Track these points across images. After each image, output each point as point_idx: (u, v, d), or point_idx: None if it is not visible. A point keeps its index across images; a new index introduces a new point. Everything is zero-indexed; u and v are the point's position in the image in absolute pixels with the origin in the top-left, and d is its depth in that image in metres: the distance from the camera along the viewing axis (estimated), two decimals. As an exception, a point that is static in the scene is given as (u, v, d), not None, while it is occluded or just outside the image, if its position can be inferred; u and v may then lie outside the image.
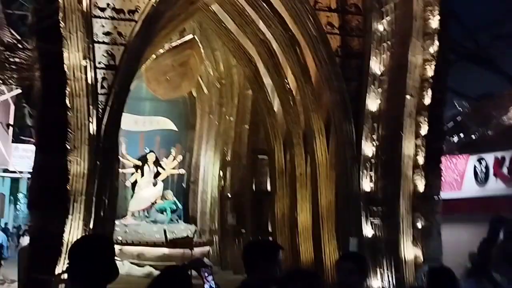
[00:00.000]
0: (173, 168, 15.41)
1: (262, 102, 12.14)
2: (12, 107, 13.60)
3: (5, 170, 15.35)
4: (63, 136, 7.10)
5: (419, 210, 8.36)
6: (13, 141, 14.08)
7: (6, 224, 18.39)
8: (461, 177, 13.11)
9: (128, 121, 14.78)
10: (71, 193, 7.18)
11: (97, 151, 7.58)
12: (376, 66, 8.98)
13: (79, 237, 5.86)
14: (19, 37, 9.86)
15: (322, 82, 9.63)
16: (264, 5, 9.84)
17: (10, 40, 8.41)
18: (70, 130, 7.14)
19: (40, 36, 6.98)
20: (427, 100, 8.35)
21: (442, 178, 8.63)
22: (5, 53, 7.22)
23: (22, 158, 13.65)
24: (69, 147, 7.17)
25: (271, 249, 3.16)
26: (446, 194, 9.75)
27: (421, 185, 8.37)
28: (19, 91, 9.78)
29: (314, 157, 10.01)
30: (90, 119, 7.51)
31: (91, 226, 7.36)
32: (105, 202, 7.71)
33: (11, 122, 13.34)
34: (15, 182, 18.10)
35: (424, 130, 8.34)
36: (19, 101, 13.70)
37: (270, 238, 11.09)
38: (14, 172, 14.72)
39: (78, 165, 7.28)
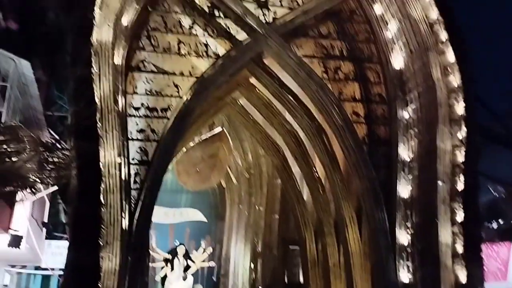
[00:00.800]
0: (203, 261, 15.15)
1: (291, 191, 12.14)
2: (47, 204, 13.94)
3: (37, 268, 15.35)
4: (96, 232, 7.16)
5: (463, 303, 7.88)
6: (46, 238, 14.24)
7: (35, 324, 18.03)
8: (505, 266, 12.42)
9: (158, 214, 14.86)
10: (103, 290, 7.11)
11: (129, 246, 7.59)
12: (405, 153, 8.98)
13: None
14: (57, 137, 10.35)
15: (350, 170, 9.64)
16: (290, 97, 10.18)
17: (49, 140, 8.85)
18: (103, 226, 7.21)
19: (78, 136, 7.30)
20: (460, 186, 8.20)
21: (484, 267, 8.21)
22: (45, 153, 7.55)
23: (55, 255, 13.70)
24: (101, 243, 7.21)
25: None
26: (490, 285, 9.21)
27: (462, 275, 7.95)
28: (55, 188, 10.08)
29: (347, 247, 9.74)
30: (123, 215, 7.61)
31: (121, 325, 7.18)
32: (135, 300, 7.58)
33: (46, 219, 13.62)
34: (46, 279, 17.97)
35: (460, 216, 8.10)
36: (54, 198, 14.04)
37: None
38: (46, 269, 14.71)
39: (110, 261, 7.27)
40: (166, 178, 12.88)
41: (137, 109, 8.56)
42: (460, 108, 8.42)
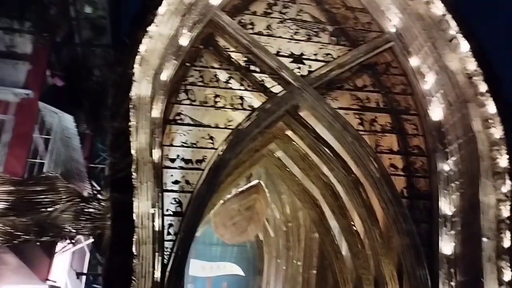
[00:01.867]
0: (240, 317, 14.79)
1: (329, 245, 11.77)
2: (88, 255, 14.12)
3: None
4: (127, 284, 7.12)
5: None
6: (85, 288, 14.38)
7: None
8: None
9: (196, 267, 14.78)
10: None
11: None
12: (446, 207, 8.62)
13: None
14: (98, 188, 10.61)
15: (390, 225, 9.29)
16: (326, 150, 10.08)
17: (88, 191, 9.13)
18: (134, 278, 7.17)
19: (114, 186, 7.44)
20: (506, 243, 7.72)
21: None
22: (81, 204, 7.73)
23: (92, 306, 13.79)
24: (133, 295, 7.14)
25: None
26: None
27: None
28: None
29: (388, 306, 9.24)
30: (155, 266, 7.57)
31: None
32: None
33: (85, 270, 13.76)
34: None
35: (507, 276, 7.57)
36: (94, 249, 14.24)
37: None
38: (83, 320, 14.75)
39: (141, 314, 7.17)
40: (203, 231, 12.89)
41: (172, 160, 8.68)
42: (503, 160, 8.07)
